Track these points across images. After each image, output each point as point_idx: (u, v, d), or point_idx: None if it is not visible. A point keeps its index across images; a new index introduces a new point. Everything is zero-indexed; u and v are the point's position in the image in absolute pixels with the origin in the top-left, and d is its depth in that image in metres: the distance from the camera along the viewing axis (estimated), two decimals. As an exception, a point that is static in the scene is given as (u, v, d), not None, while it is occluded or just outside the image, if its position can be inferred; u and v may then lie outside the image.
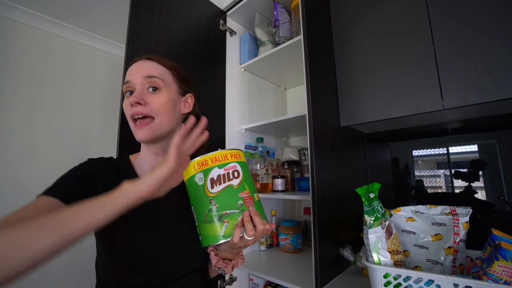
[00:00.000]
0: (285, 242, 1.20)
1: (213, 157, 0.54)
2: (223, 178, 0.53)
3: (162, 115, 0.59)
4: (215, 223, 0.51)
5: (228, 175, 0.53)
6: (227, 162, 0.54)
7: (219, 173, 0.53)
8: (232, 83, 1.26)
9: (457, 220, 0.69)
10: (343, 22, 1.02)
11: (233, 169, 0.54)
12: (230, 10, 1.27)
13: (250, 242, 0.52)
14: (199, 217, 0.54)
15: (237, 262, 0.63)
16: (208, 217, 0.52)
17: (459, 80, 0.72)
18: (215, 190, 0.52)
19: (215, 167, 0.53)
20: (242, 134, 1.28)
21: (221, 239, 0.51)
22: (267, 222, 0.53)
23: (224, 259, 0.60)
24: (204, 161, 0.54)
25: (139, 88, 0.58)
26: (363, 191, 0.71)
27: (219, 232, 0.51)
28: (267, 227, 0.52)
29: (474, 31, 0.71)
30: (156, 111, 0.58)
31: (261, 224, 0.51)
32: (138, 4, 0.87)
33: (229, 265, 0.60)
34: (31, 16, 1.35)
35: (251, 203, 0.53)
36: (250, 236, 0.50)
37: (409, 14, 0.84)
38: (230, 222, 0.51)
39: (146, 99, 0.57)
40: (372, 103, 0.90)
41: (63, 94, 1.47)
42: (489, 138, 0.97)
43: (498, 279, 0.52)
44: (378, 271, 0.63)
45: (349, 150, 1.07)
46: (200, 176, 0.53)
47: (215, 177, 0.53)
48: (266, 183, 1.17)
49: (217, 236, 0.51)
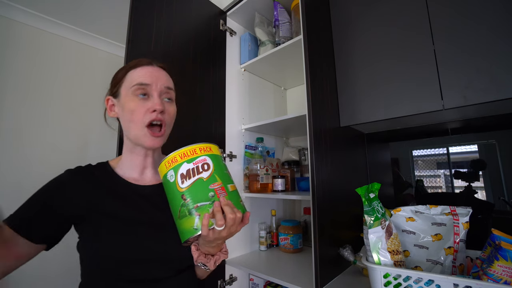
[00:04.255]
0: (285, 242, 1.20)
1: (182, 153, 0.55)
2: (192, 172, 0.53)
3: (171, 125, 0.65)
4: (187, 217, 0.51)
5: (197, 169, 0.53)
6: (195, 157, 0.55)
7: (188, 167, 0.53)
8: (232, 83, 1.26)
9: (457, 220, 0.69)
10: (343, 22, 1.02)
11: (202, 162, 0.54)
12: (230, 10, 1.27)
13: (223, 233, 0.51)
14: (174, 214, 0.54)
15: (219, 257, 0.61)
16: (181, 212, 0.52)
17: (459, 80, 0.72)
18: (185, 185, 0.52)
19: (184, 162, 0.54)
20: (242, 134, 1.28)
21: (194, 233, 0.50)
22: (239, 211, 0.52)
23: (206, 254, 0.59)
24: (173, 158, 0.55)
25: (158, 96, 0.60)
26: (363, 191, 0.71)
27: (192, 225, 0.51)
28: (238, 216, 0.51)
29: (474, 31, 0.71)
30: (170, 121, 0.63)
31: (231, 213, 0.50)
32: (138, 4, 0.87)
33: (211, 260, 0.59)
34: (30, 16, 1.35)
35: (223, 194, 0.53)
36: (220, 226, 0.50)
37: (409, 14, 0.84)
38: (202, 214, 0.50)
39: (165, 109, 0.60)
40: (372, 103, 0.90)
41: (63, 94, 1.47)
42: (489, 138, 0.97)
43: (498, 279, 0.52)
44: (378, 271, 0.63)
45: (349, 150, 1.07)
46: (171, 173, 0.54)
47: (185, 172, 0.53)
48: (266, 183, 1.17)
49: (190, 229, 0.51)
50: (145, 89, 0.59)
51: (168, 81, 0.64)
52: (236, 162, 1.22)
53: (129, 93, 0.59)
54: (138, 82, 0.59)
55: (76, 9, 1.45)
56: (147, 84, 0.59)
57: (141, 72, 0.61)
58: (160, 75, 0.62)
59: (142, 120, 0.58)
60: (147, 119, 0.58)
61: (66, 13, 1.44)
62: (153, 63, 0.64)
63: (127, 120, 0.60)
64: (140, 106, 0.58)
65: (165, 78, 0.63)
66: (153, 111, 0.58)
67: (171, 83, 0.65)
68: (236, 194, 0.57)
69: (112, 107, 0.64)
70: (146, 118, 0.58)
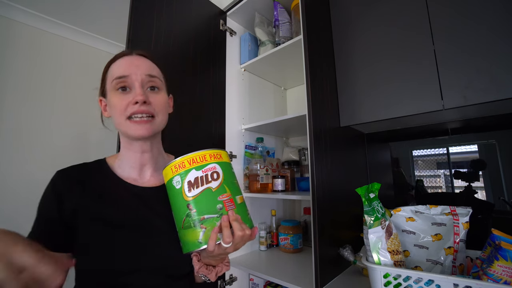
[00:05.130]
0: (285, 242, 1.20)
1: (191, 159, 0.51)
2: (200, 181, 0.50)
3: (162, 115, 0.59)
4: (192, 228, 0.48)
5: (206, 177, 0.50)
6: (205, 164, 0.51)
7: (197, 175, 0.50)
8: (232, 83, 1.26)
9: (457, 220, 0.69)
10: (343, 22, 1.02)
11: (211, 170, 0.51)
12: (230, 10, 1.27)
13: (229, 249, 0.49)
14: (178, 223, 0.52)
15: (221, 269, 0.58)
16: (186, 223, 0.49)
17: (459, 80, 0.72)
18: (192, 194, 0.49)
19: (192, 169, 0.50)
20: (242, 134, 1.28)
21: (199, 246, 0.48)
22: (247, 227, 0.49)
23: (207, 265, 0.57)
24: (181, 163, 0.51)
25: (140, 86, 0.56)
26: (363, 191, 0.71)
27: (197, 238, 0.48)
28: (247, 233, 0.48)
29: (474, 31, 0.71)
30: (158, 110, 0.58)
31: (240, 229, 0.47)
32: (138, 4, 0.87)
33: (212, 272, 0.57)
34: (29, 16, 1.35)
35: (232, 207, 0.50)
36: (228, 243, 0.47)
37: (409, 14, 0.84)
38: (208, 228, 0.48)
39: (150, 99, 0.57)
40: (372, 103, 0.90)
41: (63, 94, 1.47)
42: (489, 138, 0.97)
43: (498, 279, 0.52)
44: (378, 271, 0.63)
45: (349, 150, 1.07)
46: (178, 179, 0.51)
47: (193, 180, 0.50)
48: (266, 183, 1.17)
49: (195, 242, 0.48)
50: (125, 82, 0.56)
51: (149, 68, 0.59)
52: (236, 162, 1.22)
53: (112, 89, 0.57)
54: (116, 76, 0.56)
55: (76, 9, 1.45)
56: (126, 75, 0.56)
57: (119, 64, 0.58)
58: (140, 63, 0.58)
59: (124, 114, 0.55)
60: (128, 112, 0.55)
61: (66, 13, 1.44)
62: (133, 52, 0.60)
63: (114, 117, 0.57)
64: (121, 100, 0.55)
65: (146, 65, 0.59)
66: (135, 103, 0.54)
67: (154, 71, 0.60)
68: (244, 207, 0.54)
69: (105, 107, 0.62)
70: (128, 111, 0.55)
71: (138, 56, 0.60)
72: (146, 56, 0.62)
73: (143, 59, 0.60)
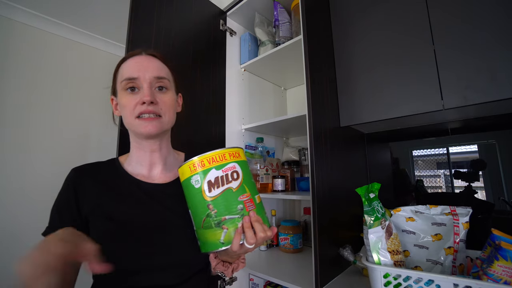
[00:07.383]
0: (285, 242, 1.20)
1: (210, 158, 0.50)
2: (221, 181, 0.49)
3: (169, 114, 0.61)
4: (213, 229, 0.48)
5: (226, 177, 0.50)
6: (225, 163, 0.50)
7: (217, 175, 0.49)
8: (232, 83, 1.26)
9: (457, 220, 0.69)
10: (343, 22, 1.02)
11: (231, 170, 0.50)
12: (230, 10, 1.27)
13: (250, 249, 0.50)
14: (197, 222, 0.52)
15: (237, 265, 0.60)
16: (206, 223, 0.49)
17: (459, 80, 0.72)
18: (212, 194, 0.49)
19: (212, 168, 0.50)
20: (242, 134, 1.28)
21: (220, 247, 0.48)
22: (268, 228, 0.50)
23: (224, 261, 0.59)
24: (200, 162, 0.50)
25: (148, 87, 0.57)
26: (363, 191, 0.71)
27: (218, 239, 0.48)
28: (268, 234, 0.49)
29: (474, 31, 0.71)
30: (165, 110, 0.59)
31: (262, 231, 0.48)
32: (138, 4, 0.87)
33: (229, 269, 0.59)
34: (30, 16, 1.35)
35: (252, 207, 0.50)
36: (251, 244, 0.48)
37: (409, 15, 0.83)
38: (230, 229, 0.48)
39: (157, 99, 0.58)
40: (372, 103, 0.90)
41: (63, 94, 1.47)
42: (489, 138, 0.97)
43: (498, 279, 0.52)
44: (378, 271, 0.63)
45: (349, 150, 1.07)
46: (197, 178, 0.50)
47: (213, 179, 0.49)
48: (266, 183, 1.17)
49: (216, 243, 0.48)
50: (133, 83, 0.57)
51: (158, 70, 0.60)
52: (236, 162, 1.22)
53: (121, 89, 0.59)
54: (125, 77, 0.58)
55: (76, 9, 1.45)
56: (134, 77, 0.57)
57: (128, 65, 0.59)
58: (149, 65, 0.59)
59: (133, 113, 0.57)
60: (137, 112, 0.57)
61: (67, 13, 1.44)
62: (144, 52, 0.62)
63: (124, 116, 0.59)
64: (130, 100, 0.57)
65: (155, 66, 0.60)
66: (142, 103, 0.56)
67: (163, 72, 0.61)
68: (261, 207, 0.54)
69: (116, 106, 0.63)
70: (136, 110, 0.57)
71: (148, 56, 0.62)
72: (156, 56, 0.63)
73: (153, 59, 0.61)
